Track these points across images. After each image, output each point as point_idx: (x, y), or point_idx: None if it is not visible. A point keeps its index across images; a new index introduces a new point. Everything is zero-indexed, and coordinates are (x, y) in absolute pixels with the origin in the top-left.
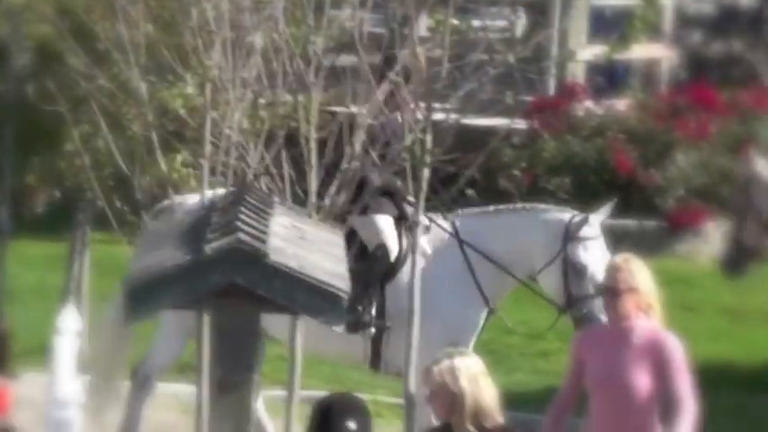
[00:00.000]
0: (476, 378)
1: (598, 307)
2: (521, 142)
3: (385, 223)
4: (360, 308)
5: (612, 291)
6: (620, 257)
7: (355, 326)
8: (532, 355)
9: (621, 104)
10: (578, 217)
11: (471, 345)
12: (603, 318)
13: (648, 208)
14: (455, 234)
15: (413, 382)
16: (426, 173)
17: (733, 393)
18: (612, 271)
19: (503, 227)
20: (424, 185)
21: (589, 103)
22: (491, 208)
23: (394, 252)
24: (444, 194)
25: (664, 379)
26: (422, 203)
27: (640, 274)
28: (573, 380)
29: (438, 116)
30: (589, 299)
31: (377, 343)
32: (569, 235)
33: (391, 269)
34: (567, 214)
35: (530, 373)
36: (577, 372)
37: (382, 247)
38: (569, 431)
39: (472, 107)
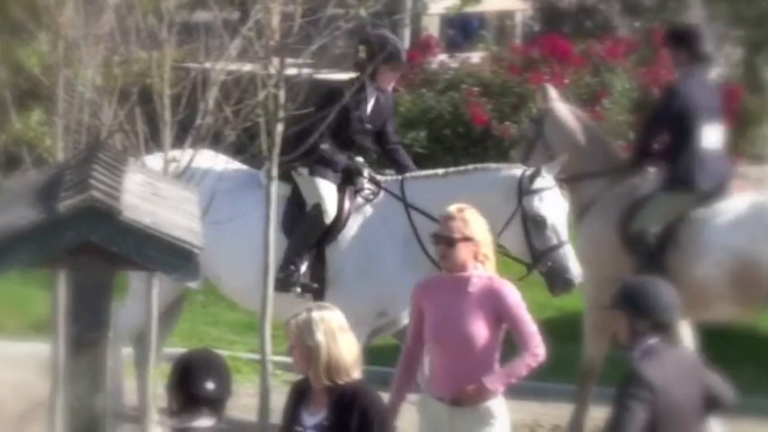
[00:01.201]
0: (333, 332)
1: (564, 256)
2: None
3: (325, 187)
4: (292, 267)
5: (447, 240)
6: (455, 207)
7: (285, 284)
8: None
9: (476, 57)
10: (530, 170)
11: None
12: (572, 265)
13: (504, 160)
14: (402, 198)
15: (268, 339)
16: (280, 128)
17: None
18: (447, 220)
19: (454, 189)
20: (278, 140)
21: (443, 57)
22: (440, 171)
23: (330, 215)
24: (299, 149)
25: (503, 326)
26: (276, 159)
27: (475, 223)
28: (416, 331)
29: (291, 71)
30: (553, 250)
31: None
32: (524, 189)
33: (330, 231)
34: (518, 170)
35: None
36: (419, 322)
37: (317, 208)
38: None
39: (325, 62)
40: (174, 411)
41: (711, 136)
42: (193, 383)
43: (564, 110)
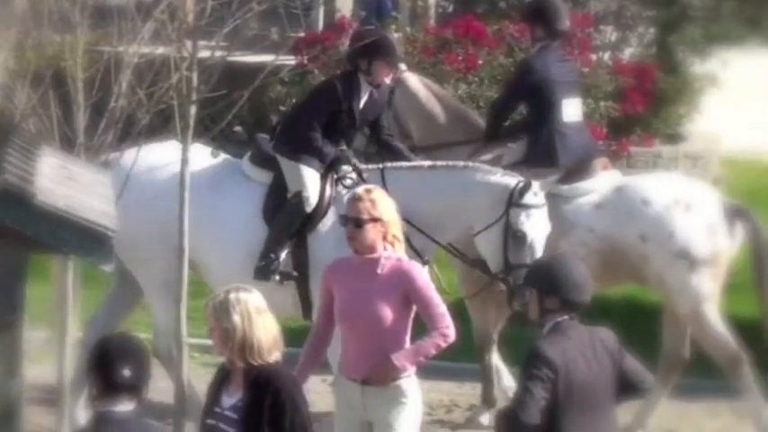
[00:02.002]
0: (249, 314)
1: None
2: (290, 78)
3: (309, 174)
4: (272, 255)
5: (355, 221)
6: (363, 188)
7: (265, 273)
8: None
9: None
10: (523, 183)
11: None
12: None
13: None
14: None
15: (184, 322)
16: (193, 110)
17: (511, 326)
18: (355, 201)
19: (441, 184)
20: (191, 123)
21: None
22: (426, 163)
23: (312, 203)
24: (213, 131)
25: (413, 308)
26: (189, 141)
27: (383, 204)
28: (325, 311)
29: (204, 53)
30: (525, 267)
31: (304, 292)
32: (513, 201)
33: (311, 219)
34: (512, 180)
35: None
36: (328, 303)
37: (298, 196)
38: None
39: (238, 44)
40: (94, 396)
41: (571, 109)
42: (110, 370)
43: (414, 80)
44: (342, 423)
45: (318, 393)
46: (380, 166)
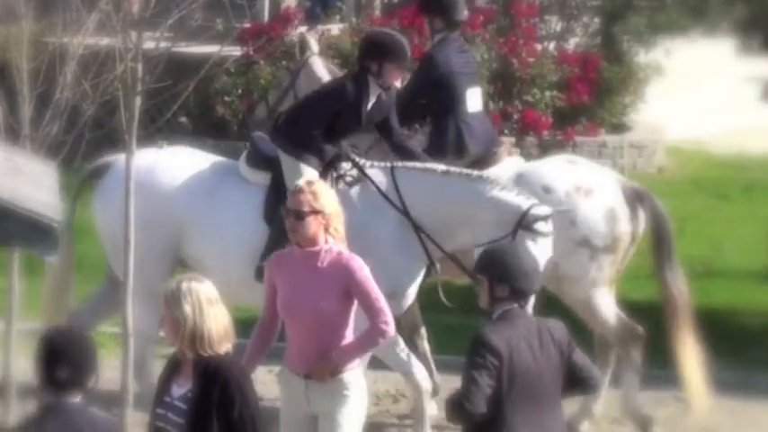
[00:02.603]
0: (200, 305)
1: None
2: (236, 69)
3: (308, 173)
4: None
5: (296, 213)
6: (304, 180)
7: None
8: None
9: (335, 29)
10: (537, 209)
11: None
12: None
13: None
14: (394, 187)
15: (130, 314)
16: (138, 101)
17: (449, 315)
18: (296, 194)
19: (452, 191)
20: (137, 114)
21: (303, 29)
22: (439, 167)
23: None
24: (159, 122)
25: (354, 300)
26: (134, 133)
27: (325, 197)
28: (270, 304)
29: (149, 44)
30: None
31: None
32: (524, 224)
33: None
34: (525, 201)
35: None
36: (272, 295)
37: None
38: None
39: (183, 35)
40: (40, 388)
41: (473, 99)
42: (51, 368)
43: (319, 64)
44: (287, 416)
45: (265, 384)
46: (389, 164)
